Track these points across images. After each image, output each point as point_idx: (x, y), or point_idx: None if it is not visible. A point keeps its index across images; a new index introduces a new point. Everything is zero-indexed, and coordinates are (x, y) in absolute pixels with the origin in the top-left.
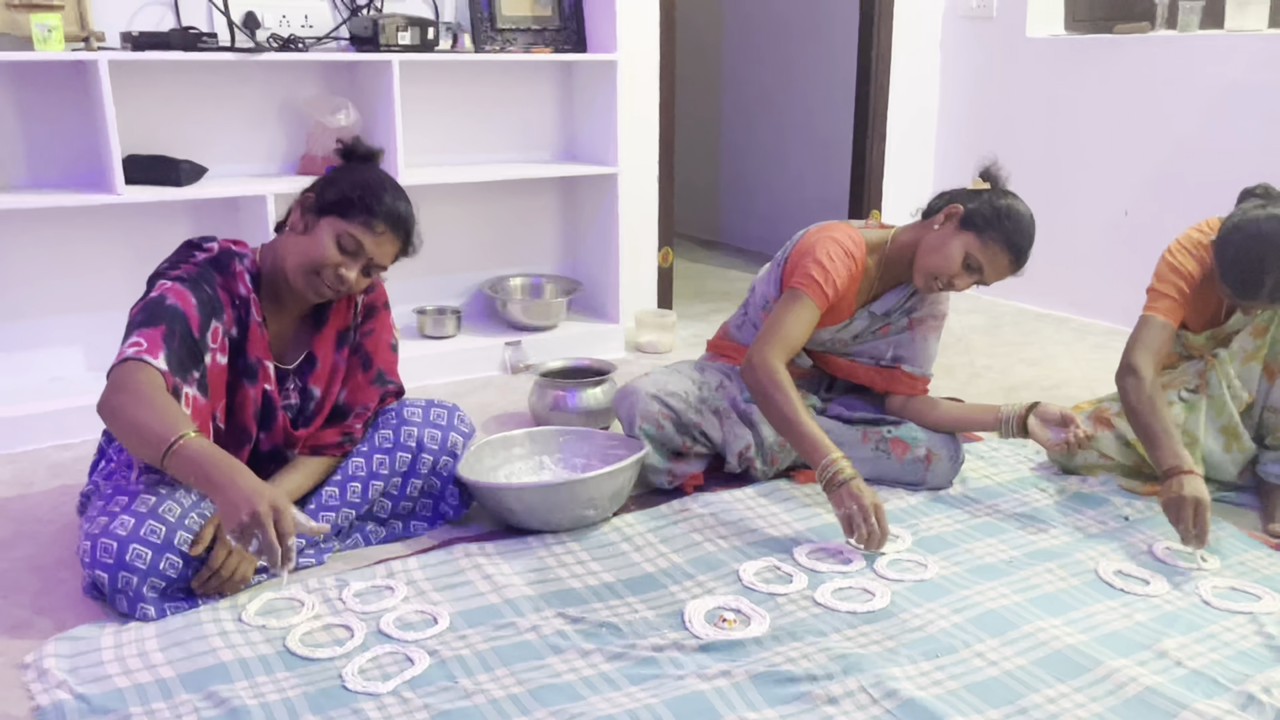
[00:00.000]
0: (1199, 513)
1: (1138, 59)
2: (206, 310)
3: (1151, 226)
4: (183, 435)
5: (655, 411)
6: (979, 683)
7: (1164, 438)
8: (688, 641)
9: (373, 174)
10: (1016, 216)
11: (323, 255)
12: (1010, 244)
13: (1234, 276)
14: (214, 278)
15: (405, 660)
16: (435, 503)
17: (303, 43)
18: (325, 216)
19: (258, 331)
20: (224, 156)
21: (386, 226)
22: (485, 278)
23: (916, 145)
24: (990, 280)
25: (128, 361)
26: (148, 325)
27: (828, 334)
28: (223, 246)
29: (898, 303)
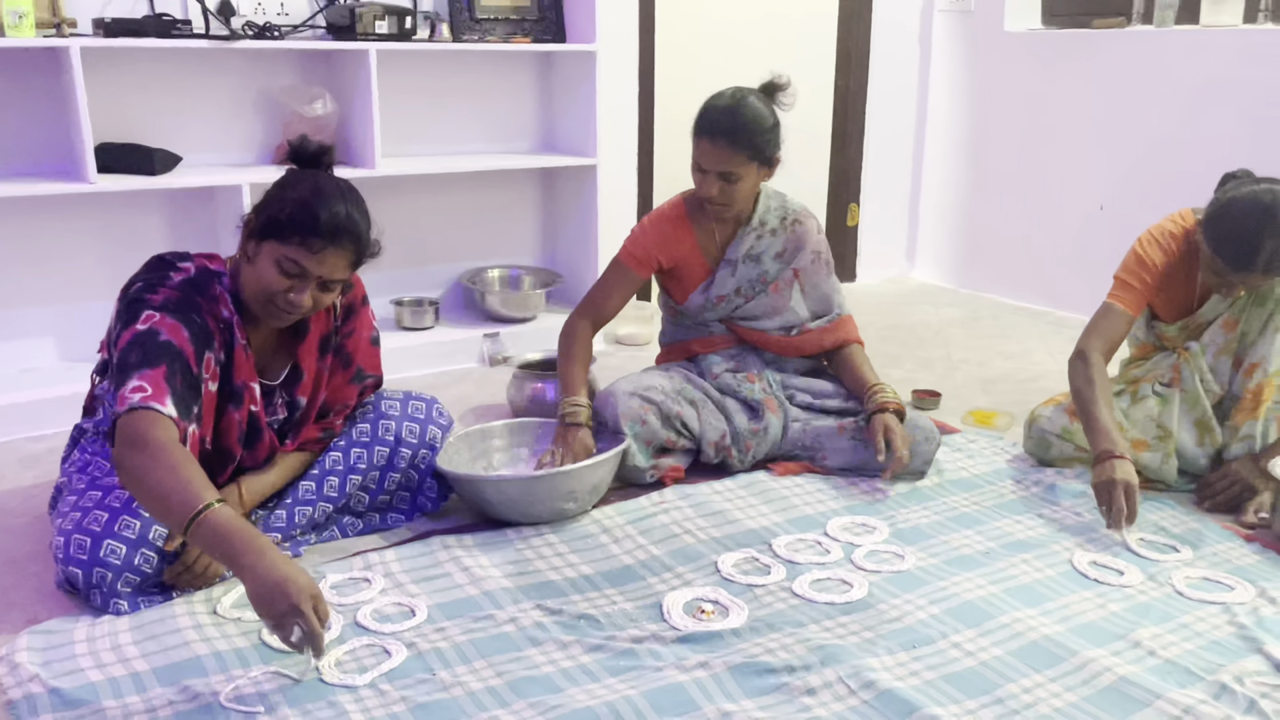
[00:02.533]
0: (1129, 496)
1: (1114, 54)
2: (200, 342)
3: (1127, 220)
4: (206, 506)
5: (637, 407)
6: (956, 673)
7: (1100, 421)
8: (666, 633)
9: (308, 185)
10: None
11: (269, 283)
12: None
13: (1229, 249)
14: (199, 303)
15: (383, 653)
16: (413, 495)
17: (278, 31)
18: (265, 241)
19: (243, 355)
20: (199, 145)
21: (326, 243)
22: (464, 269)
23: (896, 139)
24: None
25: (136, 412)
26: (148, 366)
27: (700, 298)
28: (199, 266)
29: (751, 241)
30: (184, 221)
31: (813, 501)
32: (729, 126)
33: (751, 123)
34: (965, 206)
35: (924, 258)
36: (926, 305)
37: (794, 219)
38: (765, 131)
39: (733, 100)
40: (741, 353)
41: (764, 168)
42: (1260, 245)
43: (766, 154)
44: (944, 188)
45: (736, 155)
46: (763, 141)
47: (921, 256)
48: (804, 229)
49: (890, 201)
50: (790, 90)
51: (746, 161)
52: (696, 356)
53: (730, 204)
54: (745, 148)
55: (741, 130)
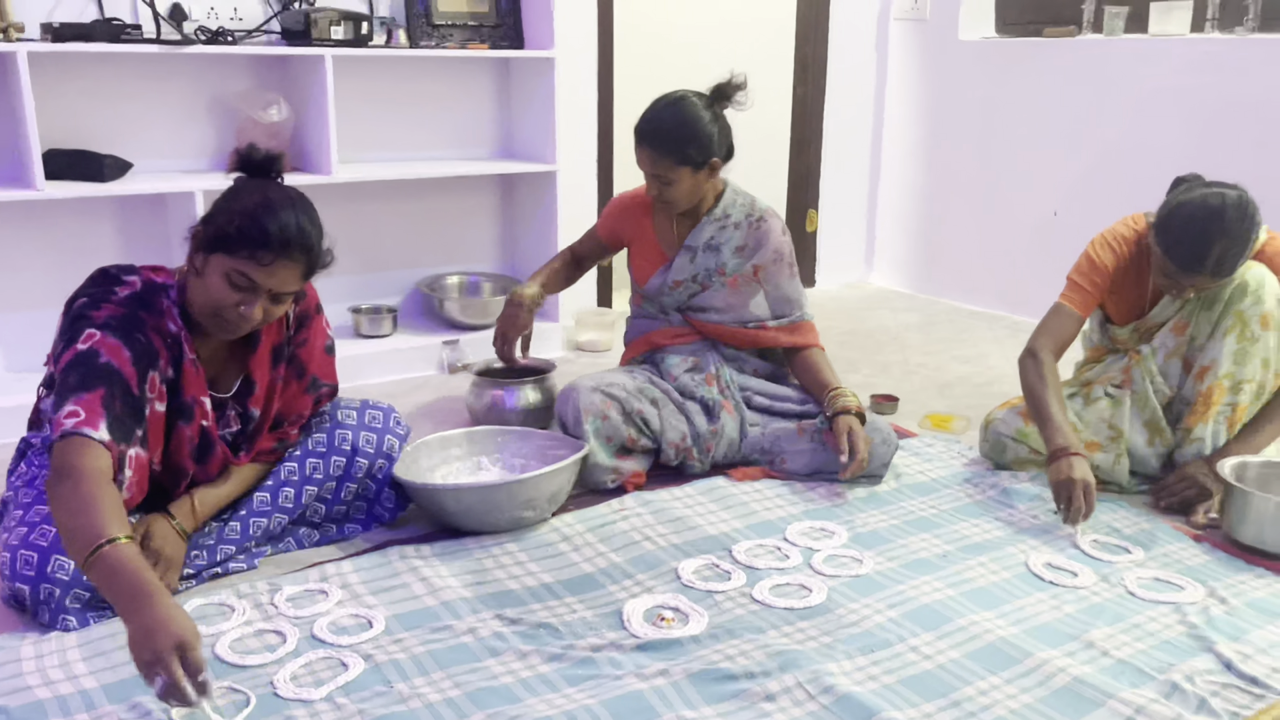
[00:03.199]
0: (1087, 495)
1: (1066, 62)
2: (143, 362)
3: (1080, 226)
4: (108, 541)
5: (599, 402)
6: (913, 676)
7: (1054, 418)
8: (626, 641)
9: (256, 195)
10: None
11: (218, 297)
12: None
13: (1179, 251)
14: (143, 319)
15: (339, 665)
16: (370, 505)
17: (232, 35)
18: (213, 254)
19: (192, 370)
20: (151, 152)
21: (276, 255)
22: (422, 276)
23: (853, 145)
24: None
25: (68, 438)
26: (84, 389)
27: (659, 280)
28: (145, 280)
29: (713, 231)
30: (136, 229)
31: (772, 507)
32: (655, 132)
33: (677, 129)
34: (922, 212)
35: (882, 263)
36: (884, 310)
37: (759, 216)
38: (694, 138)
39: (667, 105)
40: (701, 350)
41: (699, 170)
42: (1209, 248)
43: (697, 159)
44: (901, 194)
45: (663, 160)
46: (692, 148)
47: (879, 262)
48: (767, 227)
49: (848, 207)
50: (747, 90)
51: (674, 166)
52: (657, 355)
53: (671, 204)
54: (671, 154)
55: (667, 137)
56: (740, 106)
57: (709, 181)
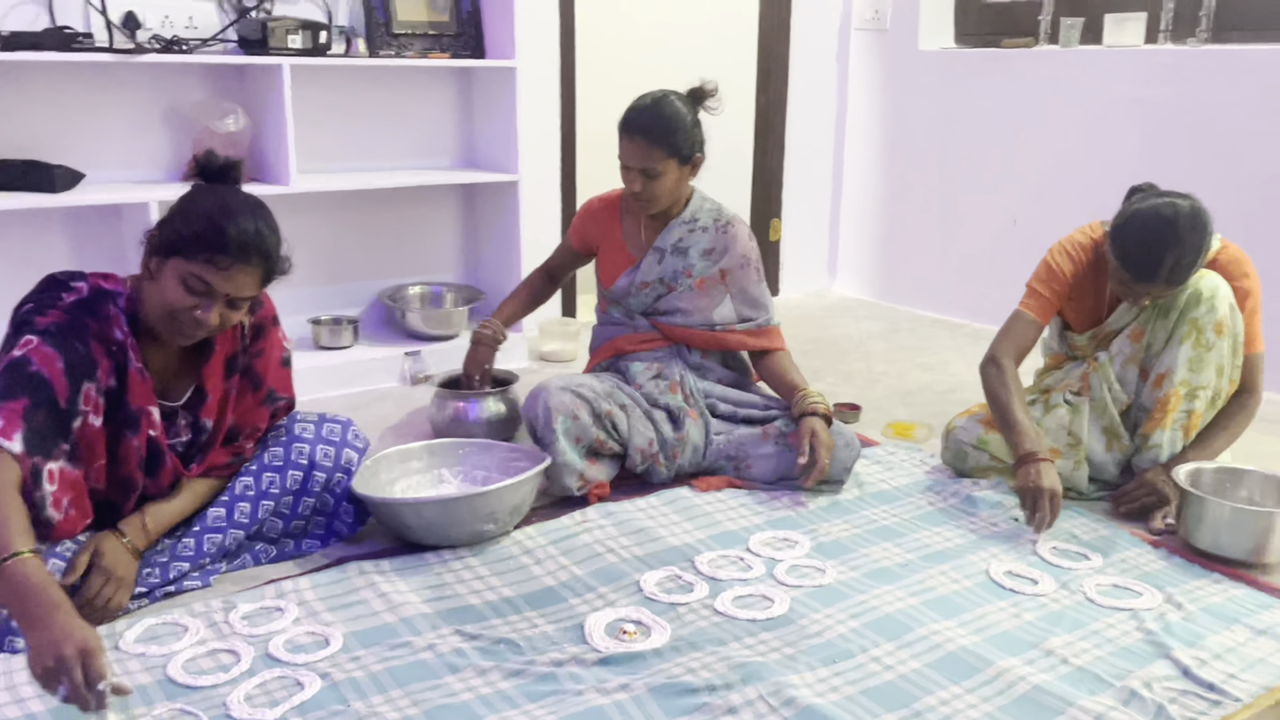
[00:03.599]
0: (1053, 503)
1: (1023, 72)
2: (77, 373)
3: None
4: (9, 556)
5: (569, 402)
6: (875, 687)
7: (1020, 422)
8: (588, 655)
9: (215, 200)
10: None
11: (173, 301)
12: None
13: (1132, 260)
14: (86, 326)
15: (295, 684)
16: (329, 520)
17: (187, 44)
18: (170, 258)
19: (138, 379)
20: (104, 162)
21: (233, 260)
22: (383, 286)
23: (816, 155)
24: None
25: None
26: (8, 398)
27: (626, 280)
28: (93, 286)
29: (681, 233)
30: (89, 241)
31: (735, 517)
32: (647, 124)
33: (669, 120)
34: (884, 221)
35: (845, 271)
36: (847, 318)
37: (726, 221)
38: (683, 130)
39: (653, 99)
40: (665, 357)
41: (684, 165)
42: (1163, 256)
43: (685, 151)
44: (863, 202)
45: (655, 151)
46: (680, 139)
47: (843, 270)
48: (735, 231)
49: (811, 216)
50: (718, 96)
51: (665, 158)
52: (621, 362)
53: (653, 200)
54: (662, 144)
55: (659, 127)
56: (712, 111)
57: (688, 180)
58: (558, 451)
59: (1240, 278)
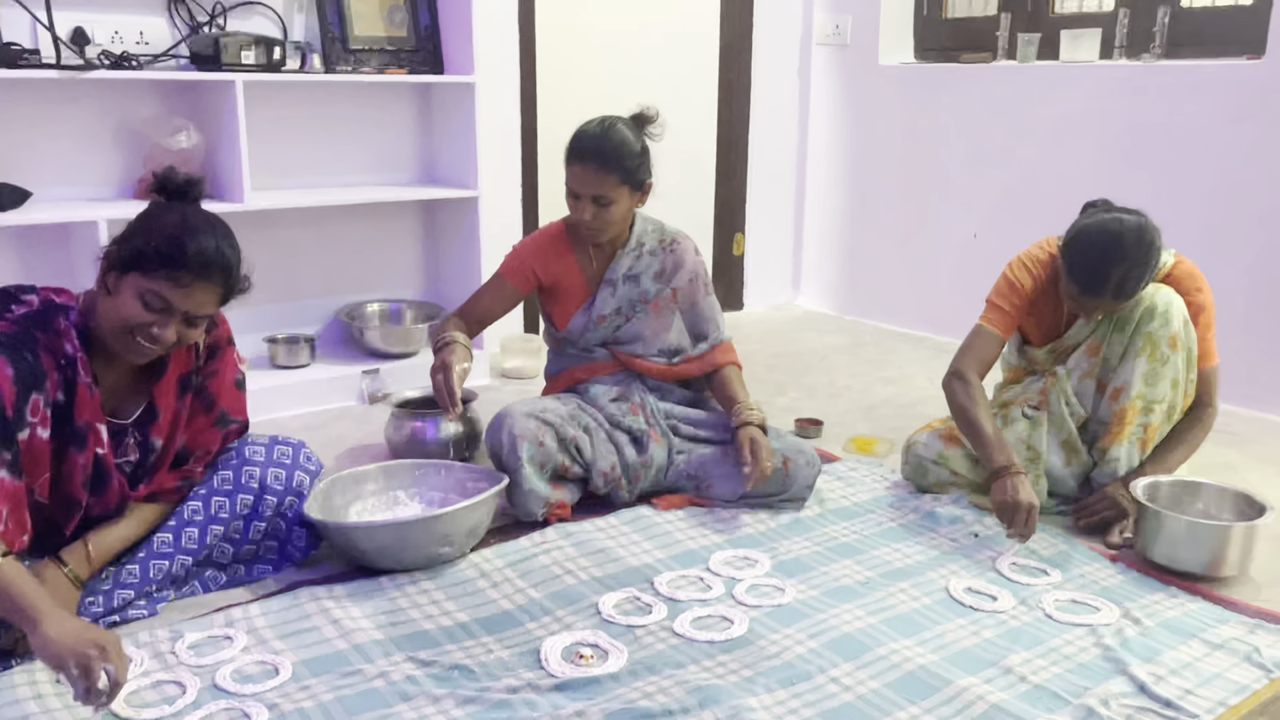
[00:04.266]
0: (1030, 516)
1: (982, 87)
2: (25, 383)
3: (999, 248)
4: None
5: (534, 428)
6: (833, 709)
7: (989, 435)
8: (543, 681)
9: (175, 217)
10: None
11: (130, 316)
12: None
13: (1081, 275)
14: (36, 339)
15: (242, 716)
16: (281, 545)
17: (137, 60)
18: (128, 274)
19: (87, 394)
20: (52, 180)
21: (194, 277)
22: (341, 304)
23: (779, 169)
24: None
25: None
26: None
27: (582, 318)
28: (44, 299)
29: (630, 262)
30: (37, 260)
31: (696, 535)
32: (598, 150)
33: (620, 147)
34: (847, 235)
35: (809, 286)
36: (811, 333)
37: (671, 240)
38: (634, 156)
39: (601, 126)
40: (625, 379)
41: (635, 192)
42: (1109, 271)
43: (637, 178)
44: (826, 217)
45: (608, 178)
46: (632, 165)
47: (806, 284)
48: (681, 249)
49: (775, 231)
50: (660, 122)
51: (618, 185)
52: (580, 386)
53: (604, 228)
54: (615, 170)
55: (611, 154)
56: (654, 138)
57: (636, 207)
58: (523, 478)
59: (1194, 292)
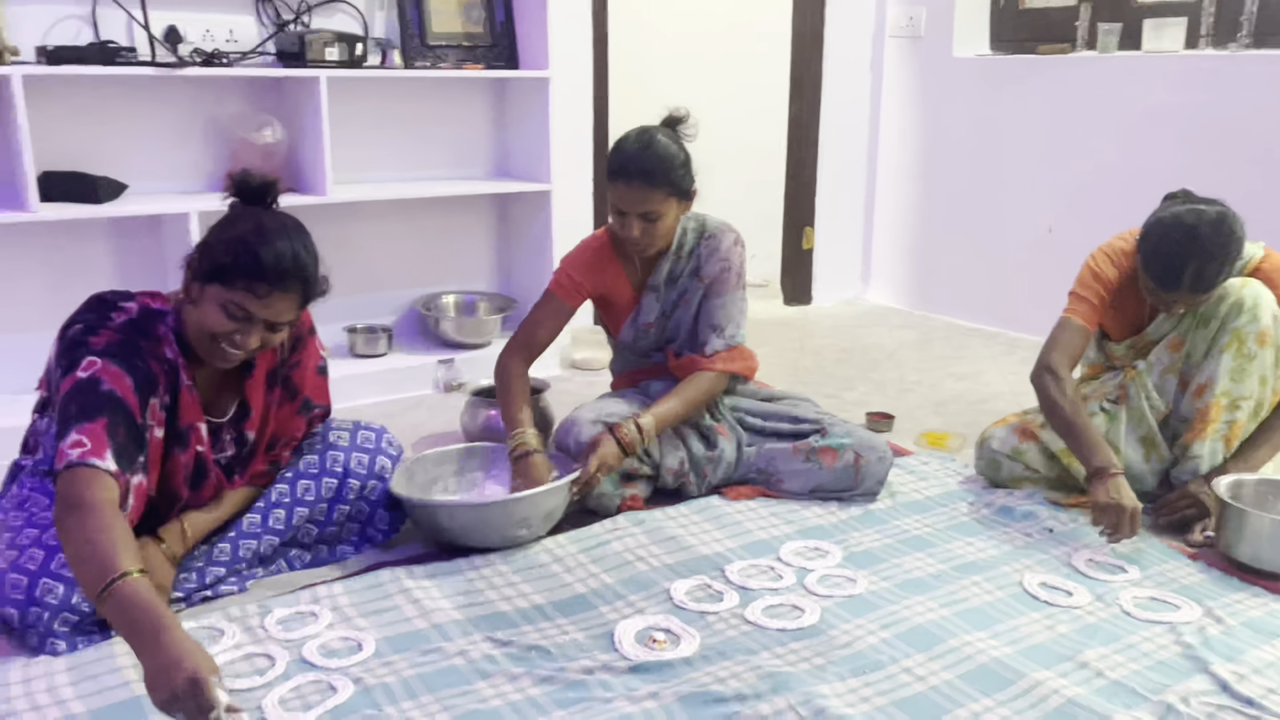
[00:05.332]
0: (1134, 520)
1: (1059, 79)
2: (144, 390)
3: (1075, 242)
4: (121, 576)
5: (600, 432)
6: (906, 699)
7: (1088, 434)
8: (618, 663)
9: (253, 225)
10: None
11: (214, 326)
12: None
13: (1155, 268)
14: (139, 346)
15: (328, 689)
16: (363, 527)
17: (227, 58)
18: (209, 284)
19: (188, 396)
20: (146, 173)
21: (272, 287)
22: (418, 295)
23: (849, 163)
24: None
25: (75, 469)
26: (87, 418)
27: (630, 331)
28: (142, 305)
29: (671, 265)
30: (130, 251)
31: (766, 526)
32: (641, 167)
33: (665, 160)
34: (918, 229)
35: (878, 280)
36: (880, 327)
37: (710, 234)
38: (678, 167)
39: (641, 141)
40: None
41: (683, 201)
42: (1184, 264)
43: (683, 188)
44: (897, 211)
45: (654, 193)
46: (678, 176)
47: (876, 279)
48: (717, 241)
49: (845, 225)
50: (691, 122)
51: (665, 198)
52: (643, 383)
53: (652, 243)
54: (662, 185)
55: (656, 169)
56: (688, 138)
57: (682, 215)
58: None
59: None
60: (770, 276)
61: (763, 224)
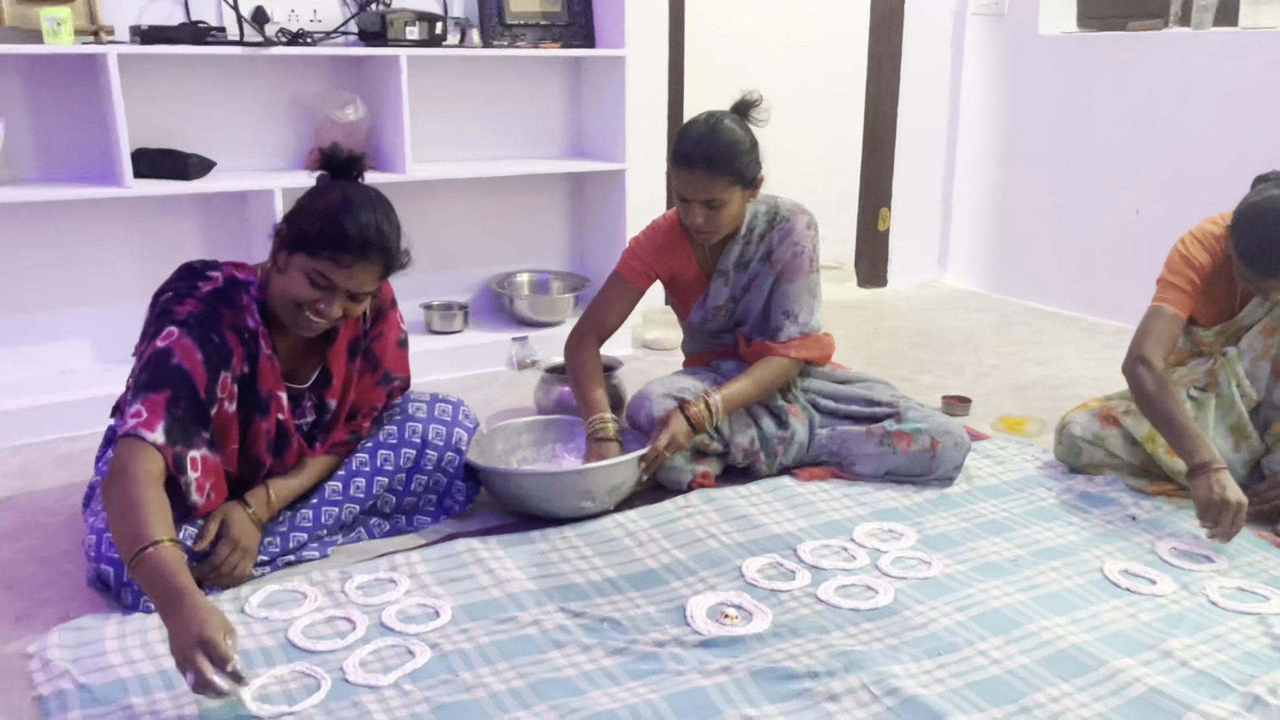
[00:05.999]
0: (1239, 516)
1: (1150, 57)
2: (214, 363)
3: (1163, 225)
4: (150, 545)
5: (671, 409)
6: (981, 681)
7: (1188, 429)
8: (689, 637)
9: (339, 197)
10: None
11: (298, 294)
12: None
13: (1252, 254)
14: (221, 315)
15: (406, 653)
16: (440, 498)
17: (311, 37)
18: (295, 253)
19: (268, 365)
20: (232, 151)
21: (355, 258)
22: (492, 273)
23: (928, 143)
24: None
25: (126, 438)
26: (151, 389)
27: (699, 313)
28: (227, 276)
29: (740, 249)
30: (217, 226)
31: (839, 507)
32: (706, 154)
33: (730, 147)
34: (998, 211)
35: (956, 263)
36: (958, 311)
37: (783, 216)
38: (744, 154)
39: (707, 127)
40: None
41: (747, 189)
42: None
43: (748, 176)
44: (976, 192)
45: (718, 181)
46: (742, 164)
47: (953, 262)
48: (790, 224)
49: (922, 206)
50: (764, 106)
51: (729, 186)
52: (715, 362)
53: (716, 230)
54: (726, 173)
55: (720, 157)
56: (759, 124)
57: (749, 201)
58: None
59: None
60: (844, 259)
61: (838, 205)
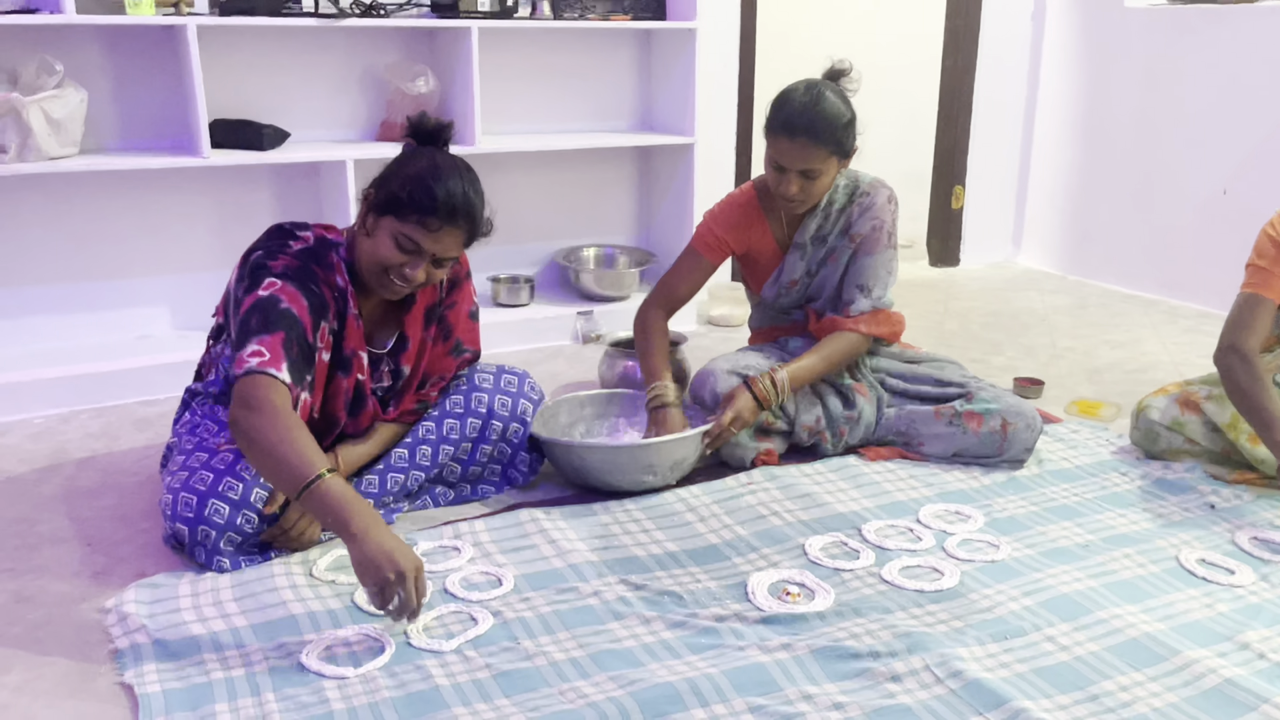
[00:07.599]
0: None
1: (1242, 30)
2: (317, 312)
3: (1252, 206)
4: (320, 475)
5: (736, 385)
6: (1048, 667)
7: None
8: (750, 613)
9: (427, 163)
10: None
11: (385, 257)
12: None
13: None
14: (315, 272)
15: (469, 620)
16: (504, 468)
17: (384, 9)
18: (384, 216)
19: (354, 324)
20: (306, 122)
21: (442, 222)
22: (559, 247)
23: (1005, 119)
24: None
25: (253, 375)
26: (266, 331)
27: (773, 289)
28: (318, 235)
29: (819, 223)
30: (291, 196)
31: (905, 488)
32: (809, 124)
33: (832, 118)
34: (1076, 190)
35: (1031, 243)
36: (1032, 291)
37: (863, 191)
38: (845, 125)
39: (810, 95)
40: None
41: (843, 160)
42: None
43: (846, 147)
44: (1054, 170)
45: (818, 151)
46: (843, 135)
47: (1028, 241)
48: (870, 199)
49: (997, 184)
50: (853, 75)
51: (828, 157)
52: (782, 339)
53: (808, 200)
54: (828, 143)
55: (824, 127)
56: (853, 90)
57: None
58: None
59: None
60: (915, 237)
61: (910, 182)
